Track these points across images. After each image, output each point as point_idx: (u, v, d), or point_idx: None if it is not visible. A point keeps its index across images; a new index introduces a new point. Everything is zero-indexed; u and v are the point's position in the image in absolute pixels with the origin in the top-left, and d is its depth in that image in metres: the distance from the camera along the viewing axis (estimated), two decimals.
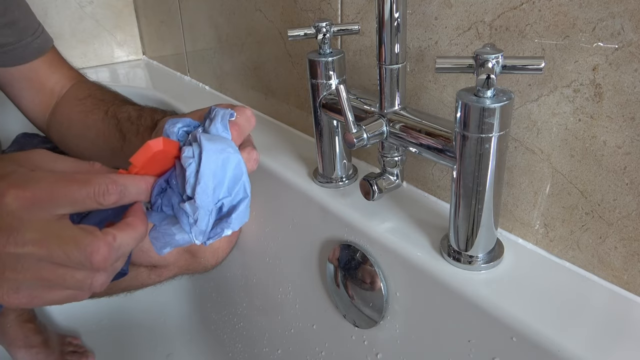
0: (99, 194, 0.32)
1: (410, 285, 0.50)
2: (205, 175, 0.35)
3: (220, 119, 0.38)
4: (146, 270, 0.72)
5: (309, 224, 0.63)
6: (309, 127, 0.75)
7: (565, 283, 0.44)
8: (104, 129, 0.59)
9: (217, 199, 0.36)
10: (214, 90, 1.01)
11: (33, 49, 0.63)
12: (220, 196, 0.36)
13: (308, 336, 0.69)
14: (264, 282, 0.77)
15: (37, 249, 0.30)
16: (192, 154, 0.35)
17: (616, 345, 0.38)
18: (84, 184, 0.32)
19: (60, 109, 0.65)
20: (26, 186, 0.31)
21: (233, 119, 0.39)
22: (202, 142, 0.35)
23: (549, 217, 0.46)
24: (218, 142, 0.36)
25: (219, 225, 0.37)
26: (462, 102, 0.39)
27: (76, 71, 0.69)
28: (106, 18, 1.25)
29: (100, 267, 0.32)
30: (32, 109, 0.66)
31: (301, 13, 0.67)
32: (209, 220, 0.36)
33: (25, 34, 0.62)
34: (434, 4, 0.48)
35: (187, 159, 0.35)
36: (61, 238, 0.31)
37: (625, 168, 0.39)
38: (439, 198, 0.56)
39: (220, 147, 0.35)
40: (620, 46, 0.37)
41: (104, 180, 0.33)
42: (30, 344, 0.91)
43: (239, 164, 0.36)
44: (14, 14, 0.60)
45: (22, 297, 0.32)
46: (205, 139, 0.35)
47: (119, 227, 0.33)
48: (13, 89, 0.65)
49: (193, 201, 0.35)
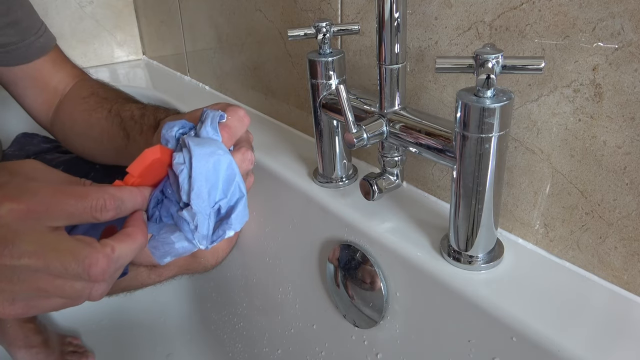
0: (96, 209, 0.32)
1: (410, 285, 0.50)
2: (198, 180, 0.35)
3: (210, 122, 0.38)
4: (146, 270, 0.72)
5: (309, 224, 0.63)
6: (309, 127, 0.75)
7: (565, 283, 0.44)
8: (108, 127, 0.59)
9: (213, 202, 0.36)
10: (214, 90, 1.01)
11: (36, 48, 0.63)
12: (216, 198, 0.36)
13: (308, 336, 0.69)
14: (264, 282, 0.77)
15: (34, 261, 0.30)
16: (182, 160, 0.35)
17: (616, 345, 0.38)
18: (81, 198, 0.32)
19: (63, 108, 0.65)
20: (21, 198, 0.31)
21: (224, 120, 0.39)
22: (191, 146, 0.35)
23: (549, 217, 0.46)
24: (207, 145, 0.36)
25: (220, 228, 0.37)
26: (462, 102, 0.39)
27: (79, 69, 0.69)
28: (106, 18, 1.25)
29: (99, 279, 0.31)
30: (36, 108, 0.66)
31: (301, 13, 0.67)
32: (209, 224, 0.36)
33: (28, 34, 0.62)
34: (434, 4, 0.48)
35: (178, 166, 0.35)
36: (58, 250, 0.31)
37: (625, 168, 0.39)
38: (439, 198, 0.56)
39: (209, 150, 0.35)
40: (620, 46, 0.37)
41: (102, 195, 0.32)
42: (30, 344, 0.91)
43: (230, 165, 0.36)
44: (17, 14, 0.60)
45: (18, 308, 0.32)
46: (194, 143, 0.35)
47: (118, 238, 0.33)
48: (17, 88, 0.65)
49: (190, 207, 0.35)
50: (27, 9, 0.63)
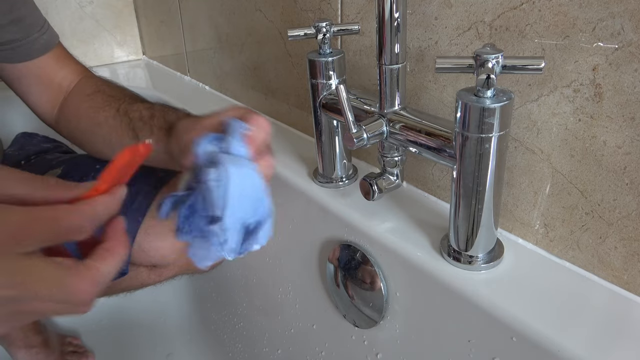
0: (72, 232, 0.31)
1: (410, 285, 0.50)
2: (232, 199, 0.36)
3: (238, 136, 0.39)
4: (146, 270, 0.71)
5: (309, 224, 0.63)
6: (309, 127, 0.75)
7: (565, 283, 0.44)
8: (116, 126, 0.59)
9: (243, 220, 0.37)
10: (214, 90, 1.01)
11: (40, 45, 0.63)
12: (247, 216, 0.38)
13: (308, 336, 0.69)
14: (264, 282, 0.77)
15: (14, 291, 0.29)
16: (217, 177, 0.36)
17: (616, 345, 0.38)
18: (54, 222, 0.30)
19: (68, 105, 0.65)
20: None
21: (249, 132, 0.39)
22: (227, 166, 0.36)
23: (549, 217, 0.46)
24: (241, 165, 0.37)
25: (248, 242, 0.38)
26: (462, 102, 0.39)
27: (82, 66, 0.69)
28: (106, 18, 1.25)
29: (87, 302, 0.31)
30: (41, 105, 0.66)
31: (301, 13, 0.67)
32: (238, 238, 0.38)
33: (31, 31, 0.62)
34: (434, 4, 0.48)
35: (213, 182, 0.36)
36: (41, 279, 0.29)
37: (625, 168, 0.39)
38: (439, 198, 0.56)
39: (244, 171, 0.37)
40: (620, 46, 0.37)
41: (75, 216, 0.31)
42: (30, 344, 0.91)
43: (260, 185, 0.38)
44: (20, 11, 0.60)
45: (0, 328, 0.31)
46: (230, 162, 0.37)
47: (100, 256, 0.32)
48: (21, 85, 0.65)
49: (222, 223, 0.36)
50: (30, 6, 0.63)
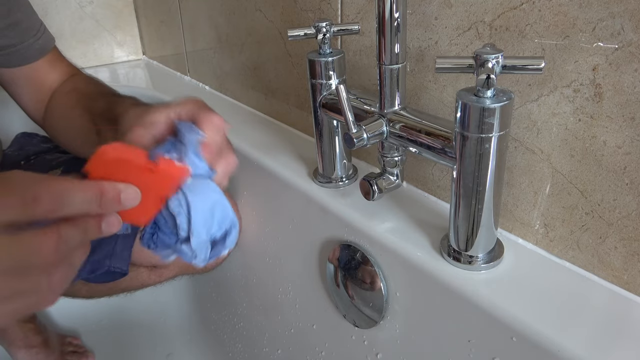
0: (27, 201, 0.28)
1: (410, 285, 0.50)
2: (197, 224, 0.37)
3: (193, 148, 0.37)
4: (146, 271, 0.72)
5: (309, 224, 0.63)
6: (309, 127, 0.75)
7: (565, 283, 0.44)
8: (83, 124, 0.57)
9: (209, 236, 0.38)
10: (214, 90, 1.01)
11: (35, 50, 0.63)
12: (212, 231, 0.38)
13: (308, 336, 0.69)
14: (264, 282, 0.77)
15: None
16: (179, 204, 0.36)
17: (616, 345, 0.38)
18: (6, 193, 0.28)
19: (51, 105, 0.65)
20: None
21: (203, 138, 0.38)
22: (187, 195, 0.36)
23: (549, 217, 0.46)
24: (201, 192, 0.37)
25: (216, 249, 0.39)
26: (462, 102, 0.39)
27: (73, 67, 0.68)
28: (106, 18, 1.25)
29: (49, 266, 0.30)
30: (32, 107, 0.66)
31: (301, 13, 0.67)
32: (206, 250, 0.38)
33: (27, 35, 0.61)
34: (434, 4, 0.48)
35: (175, 209, 0.36)
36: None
37: (625, 168, 0.39)
38: (439, 198, 0.56)
39: (204, 197, 0.37)
40: (620, 46, 0.37)
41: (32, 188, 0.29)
42: (30, 344, 0.91)
43: (223, 205, 0.38)
44: (17, 15, 0.60)
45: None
46: (189, 190, 0.36)
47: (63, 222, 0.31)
48: (15, 87, 0.65)
49: (189, 244, 0.37)
50: (27, 10, 0.63)
